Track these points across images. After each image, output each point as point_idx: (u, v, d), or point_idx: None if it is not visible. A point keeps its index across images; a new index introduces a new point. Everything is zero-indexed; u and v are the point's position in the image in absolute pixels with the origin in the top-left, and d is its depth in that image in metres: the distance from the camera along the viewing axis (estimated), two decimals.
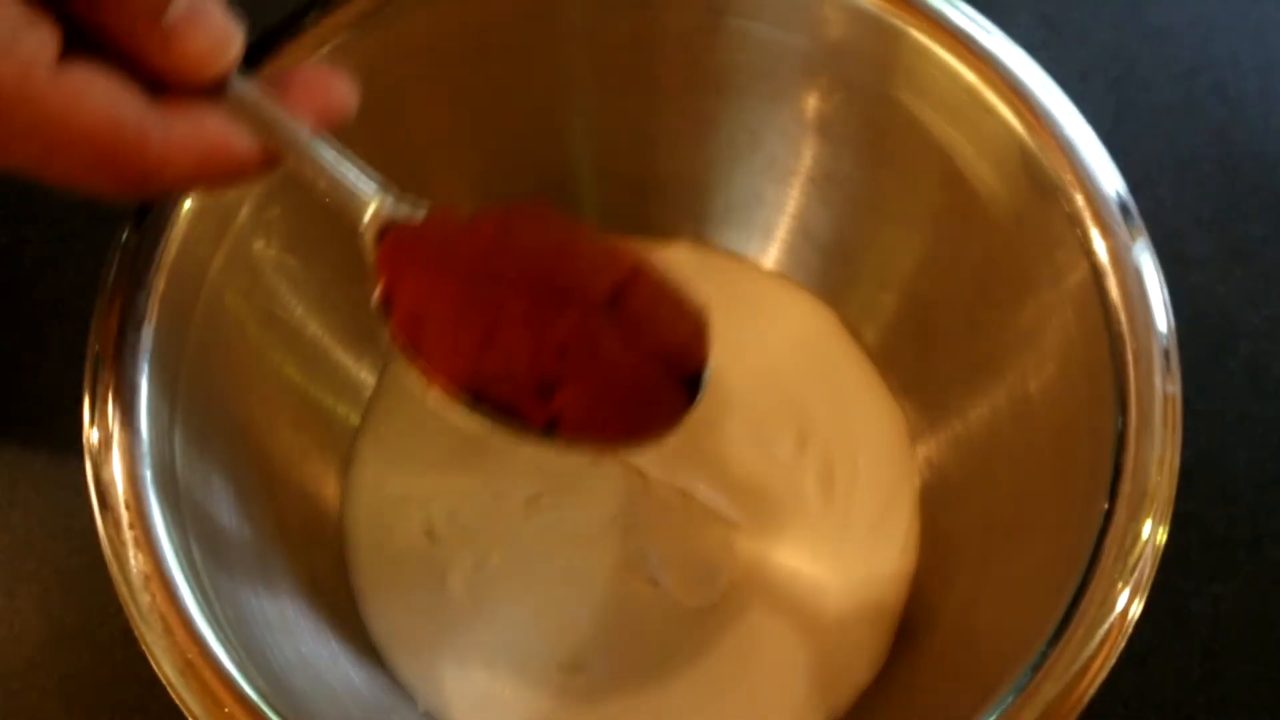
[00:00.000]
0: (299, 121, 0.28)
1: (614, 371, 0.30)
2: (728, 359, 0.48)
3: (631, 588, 0.44)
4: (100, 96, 0.25)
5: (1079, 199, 0.36)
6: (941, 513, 0.45)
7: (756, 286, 0.49)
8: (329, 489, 0.45)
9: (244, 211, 0.38)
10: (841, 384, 0.48)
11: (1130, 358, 0.34)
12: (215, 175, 0.27)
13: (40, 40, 0.24)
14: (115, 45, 0.26)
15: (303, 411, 0.43)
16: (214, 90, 0.27)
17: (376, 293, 0.30)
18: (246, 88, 0.28)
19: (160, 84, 0.26)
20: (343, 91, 0.29)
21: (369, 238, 0.30)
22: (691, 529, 0.45)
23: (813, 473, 0.46)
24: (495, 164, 0.46)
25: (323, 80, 0.29)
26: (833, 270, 0.48)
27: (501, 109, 0.44)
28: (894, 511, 0.45)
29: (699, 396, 0.31)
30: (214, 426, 0.37)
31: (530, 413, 0.29)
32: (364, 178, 0.30)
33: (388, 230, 0.30)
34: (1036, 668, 0.32)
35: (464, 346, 0.29)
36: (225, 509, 0.37)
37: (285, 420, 0.42)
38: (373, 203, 0.30)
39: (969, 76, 0.38)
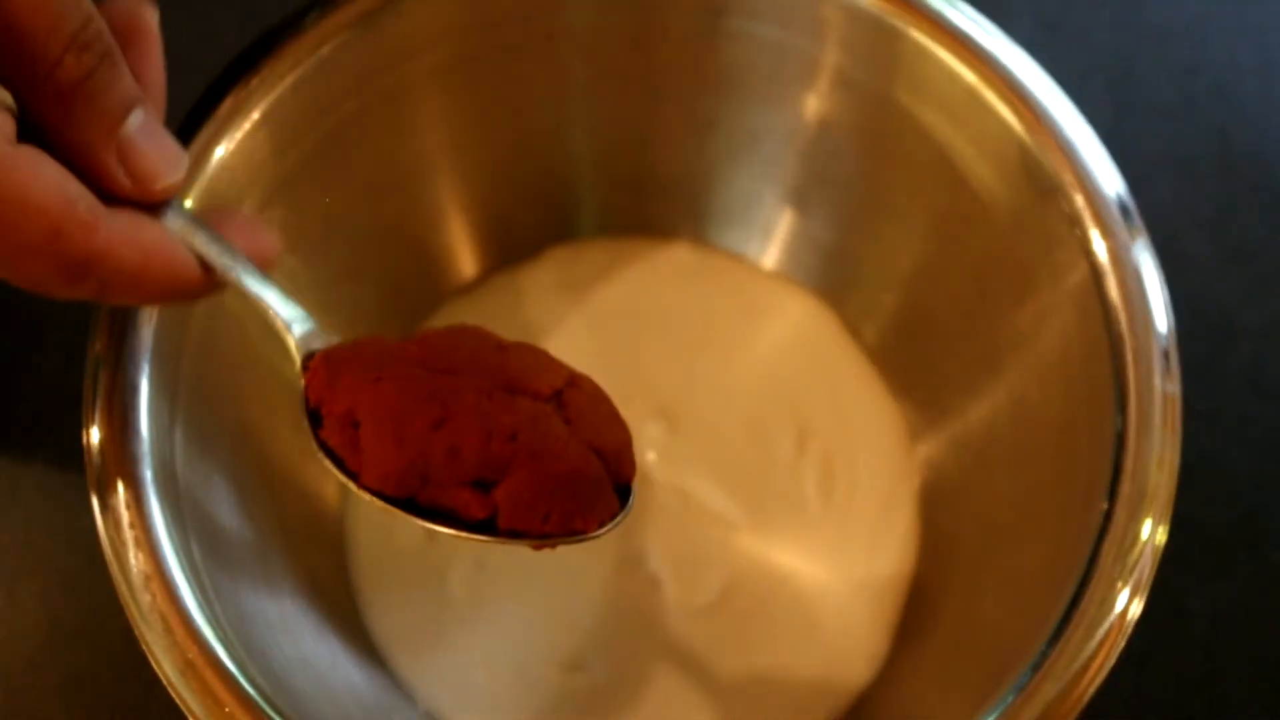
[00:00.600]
0: (232, 247, 0.30)
1: (561, 459, 0.30)
2: (728, 359, 0.48)
3: (631, 588, 0.44)
4: (54, 174, 0.26)
5: (1079, 199, 0.36)
6: (941, 513, 0.45)
7: (756, 286, 0.49)
8: (329, 489, 0.45)
9: (245, 212, 0.38)
10: (841, 384, 0.48)
11: (1130, 358, 0.34)
12: (157, 279, 0.28)
13: None
14: (68, 149, 0.26)
15: None
16: (156, 209, 0.28)
17: (304, 402, 0.30)
18: (184, 212, 0.29)
19: (107, 195, 0.27)
20: (271, 241, 0.31)
21: (298, 360, 0.31)
22: (691, 529, 0.45)
23: (812, 473, 0.46)
24: (495, 164, 0.46)
25: (253, 226, 0.31)
26: (833, 270, 0.48)
27: (501, 109, 0.44)
28: (894, 511, 0.45)
29: (629, 505, 0.32)
30: (214, 426, 0.37)
31: (470, 507, 0.29)
32: (287, 305, 0.31)
33: (318, 350, 0.31)
34: (1036, 667, 0.32)
35: (410, 434, 0.29)
36: (226, 509, 0.37)
37: (285, 420, 0.42)
38: (294, 335, 0.31)
39: (969, 76, 0.38)
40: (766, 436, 0.46)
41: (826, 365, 0.48)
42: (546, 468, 0.30)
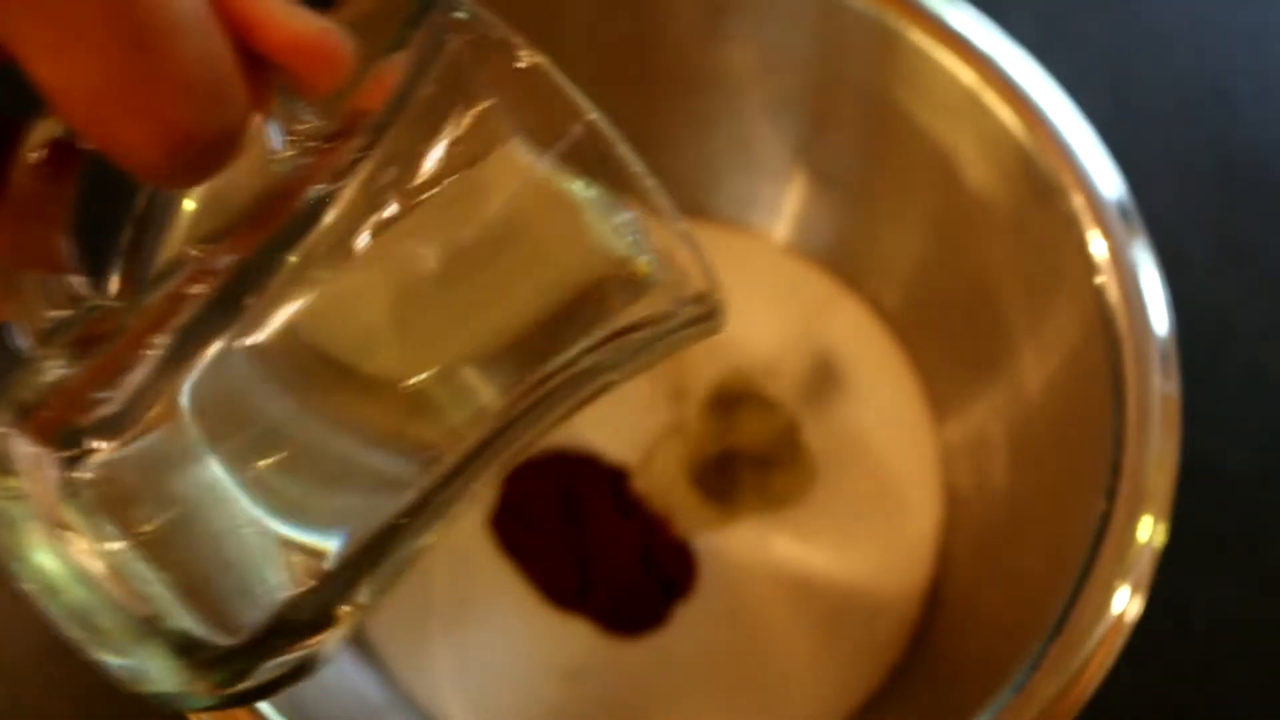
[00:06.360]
0: None
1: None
2: (739, 348, 0.48)
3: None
4: None
5: (1078, 200, 0.36)
6: (942, 512, 0.45)
7: (764, 263, 0.49)
8: None
9: None
10: (862, 376, 0.47)
11: (1129, 358, 0.34)
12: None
13: None
14: None
15: None
16: None
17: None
18: None
19: None
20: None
21: None
22: (697, 526, 0.45)
23: (837, 464, 0.46)
24: None
25: None
26: (831, 271, 0.48)
27: None
28: (909, 506, 0.45)
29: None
30: None
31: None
32: None
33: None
34: (1035, 666, 0.32)
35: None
36: None
37: None
38: None
39: (969, 77, 0.38)
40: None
41: (844, 357, 0.48)
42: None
